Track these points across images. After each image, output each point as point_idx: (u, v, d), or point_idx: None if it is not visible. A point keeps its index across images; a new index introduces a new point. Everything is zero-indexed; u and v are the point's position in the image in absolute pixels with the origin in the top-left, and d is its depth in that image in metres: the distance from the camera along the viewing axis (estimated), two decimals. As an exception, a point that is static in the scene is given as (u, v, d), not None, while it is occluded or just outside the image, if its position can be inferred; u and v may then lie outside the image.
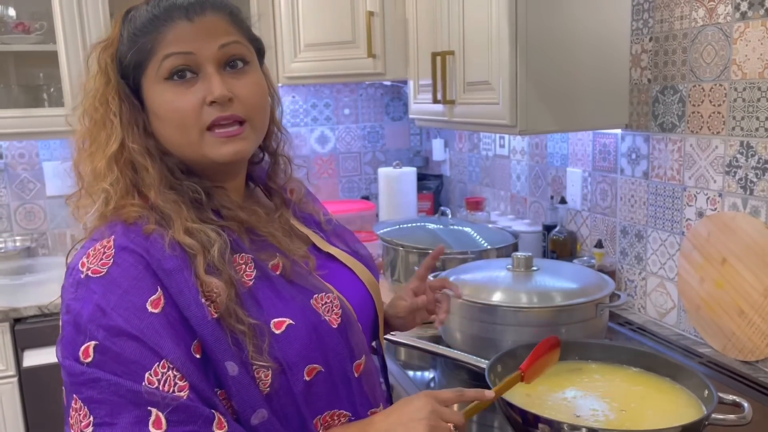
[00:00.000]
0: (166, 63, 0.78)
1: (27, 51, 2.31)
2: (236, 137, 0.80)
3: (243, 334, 0.75)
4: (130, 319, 0.71)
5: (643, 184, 1.68)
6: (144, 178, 0.80)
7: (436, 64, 1.90)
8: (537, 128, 1.62)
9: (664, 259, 1.63)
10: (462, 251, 1.82)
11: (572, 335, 1.36)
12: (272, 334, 0.77)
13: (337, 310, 0.84)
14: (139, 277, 0.73)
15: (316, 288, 0.85)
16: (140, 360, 0.70)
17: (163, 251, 0.75)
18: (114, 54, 0.82)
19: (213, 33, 0.79)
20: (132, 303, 0.72)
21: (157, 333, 0.71)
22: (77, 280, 0.74)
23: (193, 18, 0.79)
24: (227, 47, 0.80)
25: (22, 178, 2.54)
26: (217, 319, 0.75)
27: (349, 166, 3.02)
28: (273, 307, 0.79)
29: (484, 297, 1.41)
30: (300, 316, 0.80)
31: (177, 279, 0.74)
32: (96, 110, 0.82)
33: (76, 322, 0.72)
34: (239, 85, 0.81)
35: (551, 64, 1.59)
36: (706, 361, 1.43)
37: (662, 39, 1.57)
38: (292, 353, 0.78)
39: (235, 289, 0.77)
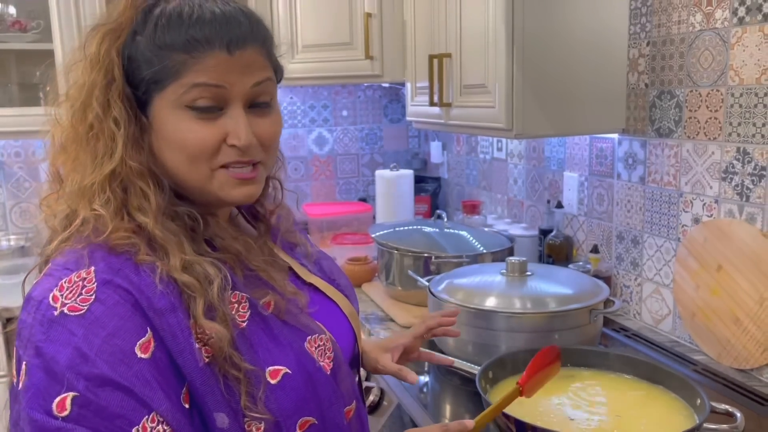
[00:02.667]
0: (193, 91, 0.70)
1: (23, 49, 2.31)
2: (250, 181, 0.74)
3: (237, 382, 0.68)
4: (117, 366, 0.62)
5: (640, 190, 1.67)
6: (140, 203, 0.70)
7: (433, 66, 1.89)
8: (533, 132, 1.61)
9: (660, 265, 1.62)
10: (457, 255, 1.80)
11: (566, 341, 1.35)
12: (267, 383, 0.70)
13: (329, 354, 0.78)
14: (126, 316, 0.64)
15: (310, 329, 0.78)
16: (127, 414, 0.62)
17: (153, 287, 0.66)
18: (121, 48, 0.71)
19: (248, 69, 0.71)
20: (119, 347, 0.63)
21: (147, 382, 0.63)
22: (49, 318, 0.63)
23: (234, 52, 0.70)
24: (260, 86, 0.73)
25: (18, 177, 2.53)
26: (209, 365, 0.67)
27: (347, 167, 3.01)
28: (268, 353, 0.72)
29: (478, 302, 1.40)
30: (296, 364, 0.73)
31: (170, 320, 0.66)
32: (91, 110, 0.70)
33: (50, 368, 0.61)
34: (262, 127, 0.74)
35: (548, 67, 1.58)
36: (700, 368, 1.42)
37: (659, 43, 1.56)
38: (288, 405, 0.71)
39: (230, 330, 0.69)
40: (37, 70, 2.42)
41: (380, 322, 1.80)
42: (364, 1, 2.24)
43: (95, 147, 0.70)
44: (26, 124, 2.24)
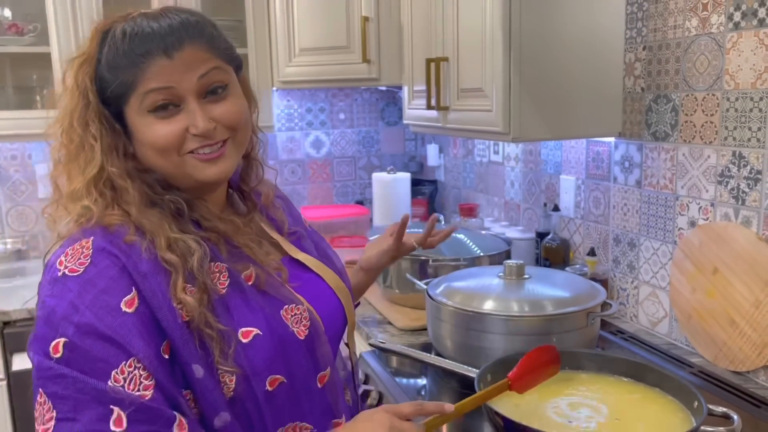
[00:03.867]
0: (147, 98, 0.80)
1: (20, 53, 2.30)
2: (219, 158, 0.84)
3: (211, 339, 0.78)
4: (103, 318, 0.73)
5: (636, 193, 1.68)
6: (124, 197, 0.82)
7: (430, 70, 1.90)
8: (530, 136, 1.62)
9: (656, 268, 1.62)
10: (454, 258, 1.81)
11: (563, 344, 1.35)
12: (239, 342, 0.80)
13: (305, 322, 0.87)
14: (115, 277, 0.76)
15: (287, 299, 0.87)
16: (108, 358, 0.72)
17: (139, 254, 0.78)
18: (92, 74, 0.82)
19: (191, 65, 0.81)
20: (106, 302, 0.74)
21: (129, 331, 0.73)
22: (54, 277, 0.76)
23: (172, 54, 0.80)
24: (206, 76, 0.82)
25: (14, 180, 2.52)
26: (187, 322, 0.77)
27: (344, 170, 3.02)
28: (242, 317, 0.82)
29: (475, 305, 1.40)
30: (267, 327, 0.83)
31: (151, 282, 0.77)
32: (74, 130, 0.82)
33: (49, 318, 0.74)
34: (219, 110, 0.84)
35: (545, 71, 1.59)
36: (697, 371, 1.42)
37: (656, 48, 1.57)
38: (257, 362, 0.81)
39: (208, 296, 0.80)
40: (34, 73, 2.42)
41: (378, 325, 1.80)
42: (361, 4, 2.25)
43: (80, 159, 0.82)
44: (22, 127, 2.24)
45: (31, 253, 2.54)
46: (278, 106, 2.85)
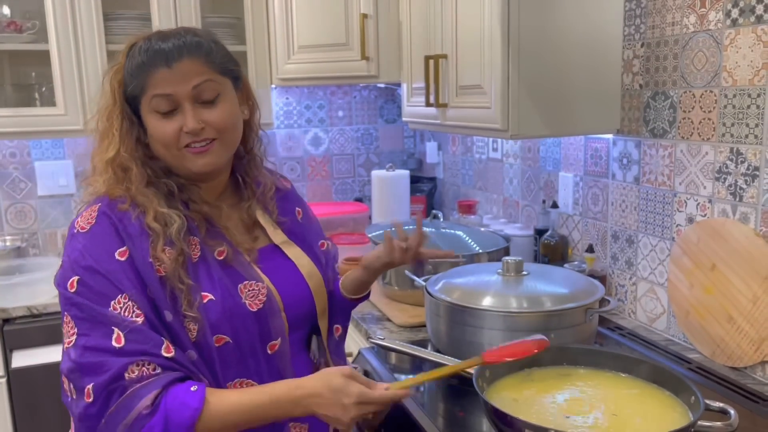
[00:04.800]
0: (153, 101, 1.02)
1: (19, 50, 2.30)
2: (206, 152, 1.04)
3: (181, 292, 0.99)
4: (101, 262, 0.97)
5: (634, 190, 1.68)
6: (129, 176, 1.04)
7: (429, 67, 1.90)
8: (528, 132, 1.62)
9: (655, 265, 1.63)
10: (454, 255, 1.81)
11: (561, 340, 1.36)
12: (201, 301, 1.01)
13: (261, 297, 1.05)
14: (111, 234, 0.99)
15: (248, 276, 1.06)
16: (107, 292, 0.96)
17: (129, 220, 1.00)
18: (121, 80, 1.05)
19: (188, 75, 1.01)
20: (105, 250, 0.98)
21: (120, 274, 0.96)
22: (72, 234, 1.01)
23: (172, 64, 1.00)
24: (199, 86, 1.02)
25: (14, 178, 2.52)
26: (162, 277, 0.98)
27: (343, 167, 3.02)
28: (204, 283, 1.02)
29: (474, 301, 1.41)
30: (221, 295, 1.02)
31: (135, 242, 0.99)
32: (103, 123, 1.07)
33: (66, 263, 0.99)
34: (209, 115, 1.03)
35: (543, 68, 1.59)
36: (695, 366, 1.43)
37: (654, 45, 1.57)
38: (207, 320, 1.00)
39: (183, 259, 1.01)
40: (33, 70, 2.41)
41: (377, 322, 1.81)
42: (360, 2, 2.25)
43: (104, 144, 1.06)
44: (21, 124, 2.24)
45: (31, 251, 2.54)
46: (277, 104, 2.85)
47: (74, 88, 2.27)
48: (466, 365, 1.10)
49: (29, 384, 2.03)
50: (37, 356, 2.01)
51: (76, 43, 2.25)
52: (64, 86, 2.25)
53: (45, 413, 2.06)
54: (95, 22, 2.26)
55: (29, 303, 2.02)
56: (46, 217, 2.57)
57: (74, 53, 2.25)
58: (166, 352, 0.95)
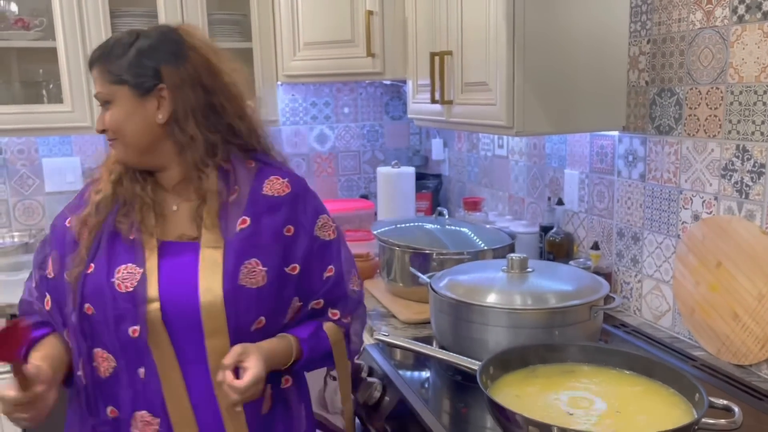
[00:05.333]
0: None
1: (27, 47, 2.32)
2: (112, 147, 1.16)
3: (73, 260, 1.13)
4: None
5: (640, 187, 1.68)
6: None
7: (434, 64, 1.90)
8: (533, 130, 1.62)
9: (660, 262, 1.62)
10: (458, 252, 1.81)
11: (566, 337, 1.36)
12: (86, 270, 1.12)
13: (133, 282, 1.09)
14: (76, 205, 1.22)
15: (132, 258, 1.11)
16: (43, 248, 1.22)
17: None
18: None
19: (97, 81, 1.14)
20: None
21: (52, 235, 1.22)
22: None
23: (92, 70, 1.15)
24: (98, 94, 1.15)
25: (21, 174, 2.54)
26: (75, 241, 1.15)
27: (348, 164, 3.02)
28: (95, 255, 1.12)
29: (478, 298, 1.41)
30: (98, 269, 1.11)
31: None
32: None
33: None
34: (105, 118, 1.14)
35: (549, 65, 1.58)
36: (699, 364, 1.43)
37: (660, 41, 1.56)
38: (82, 289, 1.11)
39: (96, 229, 1.14)
40: (40, 68, 2.43)
41: (381, 319, 1.81)
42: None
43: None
44: (29, 121, 2.25)
45: (38, 247, 2.55)
46: (283, 101, 2.86)
47: (81, 85, 2.28)
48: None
49: (37, 379, 2.04)
50: (45, 351, 2.02)
51: (83, 40, 2.26)
52: (72, 83, 2.27)
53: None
54: (102, 19, 2.27)
55: (37, 298, 2.03)
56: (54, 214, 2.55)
57: (81, 50, 2.26)
58: (46, 306, 1.17)
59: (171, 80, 1.12)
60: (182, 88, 1.13)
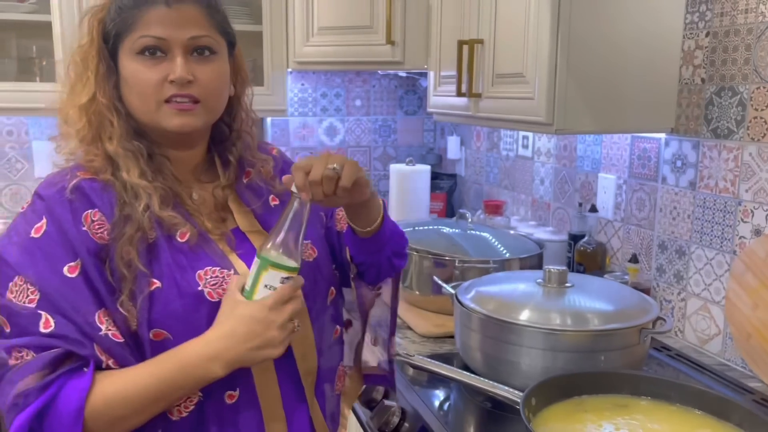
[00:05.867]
0: (140, 41, 0.88)
1: (19, 20, 2.15)
2: (188, 112, 0.89)
3: (124, 279, 0.83)
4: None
5: (689, 195, 1.52)
6: (107, 129, 0.89)
7: (462, 53, 1.74)
8: (575, 128, 1.47)
9: (710, 280, 1.47)
10: (483, 260, 1.66)
11: (611, 363, 1.20)
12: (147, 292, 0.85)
13: (226, 286, 0.87)
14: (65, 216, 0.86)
15: (213, 261, 0.89)
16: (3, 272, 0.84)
17: (97, 190, 0.87)
18: (102, 19, 0.91)
19: (186, 23, 0.88)
20: (18, 227, 0.87)
21: (26, 253, 0.83)
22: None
23: (172, 5, 0.88)
24: (197, 39, 0.89)
25: (10, 157, 2.37)
26: (102, 247, 0.84)
27: (358, 160, 2.84)
28: (154, 269, 0.86)
29: (511, 315, 1.25)
30: (170, 283, 0.85)
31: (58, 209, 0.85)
32: (77, 65, 0.92)
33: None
34: (201, 70, 0.90)
35: (594, 57, 1.43)
36: (759, 398, 1.27)
37: (721, 34, 1.40)
38: (149, 312, 0.84)
39: (140, 236, 0.85)
40: (33, 44, 2.26)
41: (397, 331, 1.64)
42: (388, -19, 2.08)
43: (77, 88, 0.91)
44: (20, 100, 2.09)
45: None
46: (291, 90, 2.69)
47: (77, 64, 2.11)
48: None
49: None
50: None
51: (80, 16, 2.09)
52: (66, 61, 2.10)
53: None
54: (102, -6, 2.10)
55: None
56: (43, 201, 2.42)
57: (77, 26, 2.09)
58: (43, 327, 0.80)
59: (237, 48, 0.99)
60: (240, 58, 1.00)
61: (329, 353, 1.02)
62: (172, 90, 0.88)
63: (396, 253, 1.07)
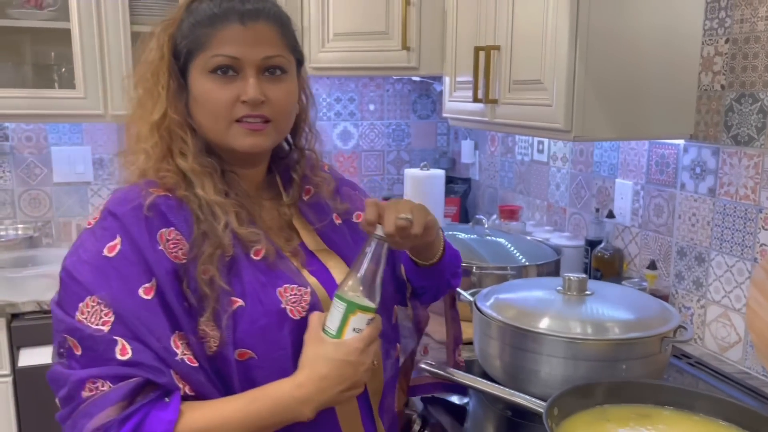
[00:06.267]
0: (213, 60, 0.87)
1: (38, 28, 2.17)
2: (258, 132, 0.89)
3: (207, 299, 0.82)
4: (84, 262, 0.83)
5: (708, 202, 1.51)
6: (180, 145, 0.88)
7: (478, 59, 1.74)
8: (594, 135, 1.46)
9: (730, 287, 1.46)
10: (500, 266, 1.66)
11: (632, 372, 1.20)
12: (230, 311, 0.84)
13: (304, 304, 0.87)
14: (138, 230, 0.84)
15: (290, 279, 0.88)
16: (78, 292, 0.80)
17: (173, 208, 0.85)
18: (172, 34, 0.91)
19: (261, 42, 0.88)
20: (89, 246, 0.84)
21: (100, 272, 0.80)
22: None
23: (247, 23, 0.87)
24: (269, 60, 0.89)
25: (29, 163, 2.40)
26: (178, 266, 0.82)
27: (372, 164, 2.87)
28: (235, 287, 0.84)
29: (531, 323, 1.25)
30: (253, 301, 0.84)
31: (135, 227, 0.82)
32: (147, 80, 0.91)
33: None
34: (273, 90, 0.89)
35: (612, 64, 1.43)
36: (781, 407, 1.26)
37: (741, 41, 1.40)
38: (233, 332, 0.83)
39: (220, 254, 0.84)
40: (52, 50, 2.28)
41: (414, 336, 1.65)
42: (403, -13, 2.09)
43: (147, 105, 0.90)
44: (39, 107, 2.11)
45: (44, 240, 2.41)
46: (306, 95, 2.70)
47: (95, 71, 2.13)
48: None
49: (36, 384, 1.90)
50: (46, 355, 1.87)
51: (99, 23, 2.11)
52: (85, 68, 2.12)
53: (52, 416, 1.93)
54: (120, 1, 2.12)
55: (39, 298, 1.89)
56: (61, 206, 2.45)
57: (96, 33, 2.11)
58: (120, 354, 0.77)
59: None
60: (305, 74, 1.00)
61: (390, 371, 1.03)
62: (243, 110, 0.87)
63: (453, 274, 1.11)
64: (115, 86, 2.14)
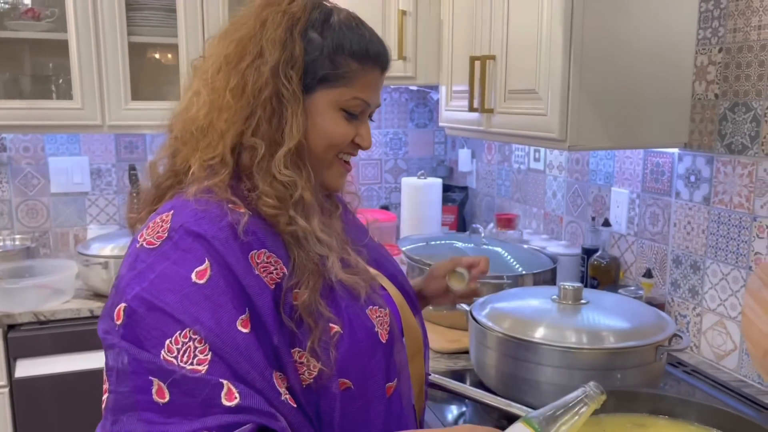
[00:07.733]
0: (353, 102, 0.85)
1: (36, 39, 2.18)
2: (347, 172, 0.91)
3: (309, 329, 0.76)
4: (165, 291, 0.71)
5: (703, 210, 1.51)
6: (306, 177, 0.82)
7: (474, 69, 1.75)
8: (588, 144, 1.47)
9: (726, 296, 1.46)
10: (497, 275, 1.66)
11: (628, 381, 1.20)
12: (334, 339, 0.78)
13: (386, 326, 0.85)
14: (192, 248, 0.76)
15: (372, 301, 0.85)
16: (162, 327, 0.69)
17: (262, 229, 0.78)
18: (302, 31, 0.82)
19: (380, 89, 0.89)
20: (175, 275, 0.73)
21: (193, 302, 0.70)
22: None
23: (384, 72, 0.88)
24: (377, 106, 0.91)
25: (26, 173, 2.40)
26: (273, 291, 0.75)
27: (369, 173, 2.87)
28: (332, 311, 0.79)
29: (527, 332, 1.25)
30: (349, 326, 0.80)
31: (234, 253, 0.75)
32: (263, 79, 0.80)
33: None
34: (368, 133, 0.90)
35: (607, 73, 1.44)
36: (777, 415, 1.26)
37: (735, 50, 1.40)
38: (336, 360, 0.78)
39: (323, 281, 0.79)
40: (50, 61, 2.29)
41: (410, 345, 1.65)
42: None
43: (273, 122, 0.80)
44: (36, 118, 2.12)
45: (41, 251, 2.41)
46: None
47: (93, 81, 2.14)
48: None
49: (33, 395, 1.90)
50: (43, 366, 1.88)
51: (96, 34, 2.12)
52: (83, 79, 2.13)
53: (50, 428, 1.93)
54: (117, 12, 2.13)
55: (36, 309, 1.89)
56: (59, 216, 2.45)
57: (94, 44, 2.12)
58: (227, 400, 0.66)
59: None
60: None
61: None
62: (351, 149, 0.88)
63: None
64: (112, 97, 2.15)
